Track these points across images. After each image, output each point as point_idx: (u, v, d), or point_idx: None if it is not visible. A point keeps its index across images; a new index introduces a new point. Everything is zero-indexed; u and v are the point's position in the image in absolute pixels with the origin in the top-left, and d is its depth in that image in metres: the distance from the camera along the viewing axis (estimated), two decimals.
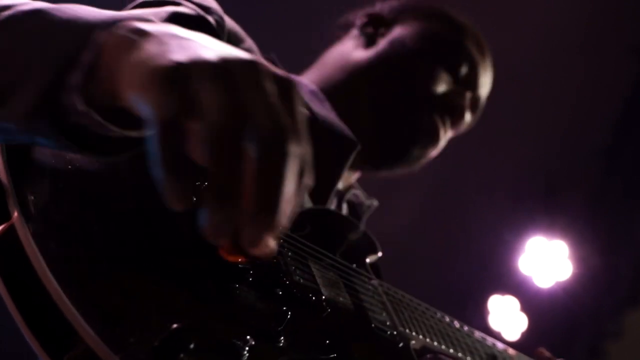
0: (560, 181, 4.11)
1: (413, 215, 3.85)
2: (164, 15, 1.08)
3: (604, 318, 4.12)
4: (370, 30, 1.53)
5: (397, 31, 1.51)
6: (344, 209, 1.52)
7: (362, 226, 1.52)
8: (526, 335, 4.15)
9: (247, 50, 1.23)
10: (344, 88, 1.45)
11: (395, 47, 1.47)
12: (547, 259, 4.08)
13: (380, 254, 1.28)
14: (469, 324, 1.37)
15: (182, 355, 0.69)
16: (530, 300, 4.15)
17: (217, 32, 1.15)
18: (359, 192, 1.57)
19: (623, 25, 3.72)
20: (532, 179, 4.10)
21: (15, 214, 0.70)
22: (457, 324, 1.33)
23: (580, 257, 4.04)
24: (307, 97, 1.32)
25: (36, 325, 0.68)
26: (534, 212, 4.09)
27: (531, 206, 4.08)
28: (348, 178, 1.54)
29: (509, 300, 4.18)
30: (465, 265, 3.97)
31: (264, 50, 1.34)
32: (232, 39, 1.20)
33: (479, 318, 4.11)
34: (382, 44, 1.49)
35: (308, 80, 1.50)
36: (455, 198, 3.96)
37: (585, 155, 4.07)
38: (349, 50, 1.52)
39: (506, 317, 4.17)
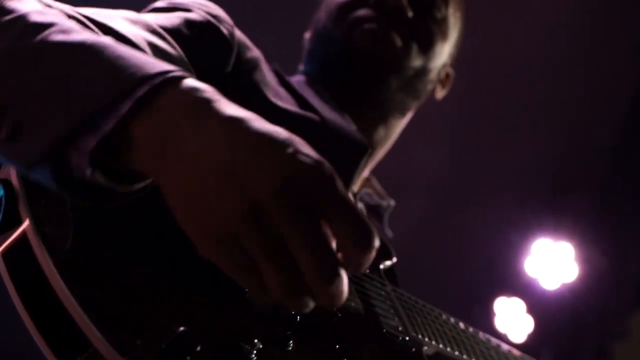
0: (567, 182, 4.10)
1: (419, 217, 3.84)
2: (177, 21, 1.10)
3: (611, 319, 4.11)
4: None
5: None
6: (362, 210, 1.49)
7: (386, 227, 1.54)
8: (532, 337, 4.13)
9: (255, 60, 1.25)
10: (313, 72, 1.50)
11: (320, 12, 1.54)
12: (553, 261, 4.07)
13: (395, 259, 1.27)
14: (475, 326, 1.36)
15: (188, 358, 0.70)
16: (537, 302, 4.14)
17: (229, 41, 1.17)
18: (371, 191, 1.56)
19: (629, 25, 3.71)
20: (538, 180, 4.09)
21: (27, 220, 0.71)
22: (471, 330, 1.31)
23: (587, 259, 4.03)
24: (315, 102, 1.32)
25: (47, 330, 0.69)
26: (540, 214, 4.08)
27: (537, 208, 4.07)
28: (361, 175, 1.54)
29: (515, 303, 4.17)
30: (471, 267, 3.96)
31: (268, 57, 1.34)
32: (242, 49, 1.22)
33: (485, 320, 4.11)
34: None
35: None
36: (461, 199, 3.96)
37: (592, 156, 4.06)
38: None
39: (512, 319, 4.15)
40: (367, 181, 1.58)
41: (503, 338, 4.14)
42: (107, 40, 0.71)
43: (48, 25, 0.71)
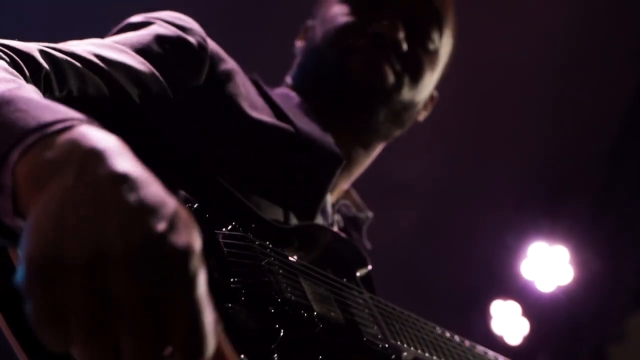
0: (562, 186, 4.11)
1: (415, 220, 3.87)
2: (147, 39, 1.14)
3: (606, 321, 4.11)
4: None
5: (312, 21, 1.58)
6: (338, 221, 1.53)
7: (364, 238, 1.55)
8: (528, 340, 4.16)
9: (229, 72, 1.26)
10: (300, 86, 1.50)
11: (315, 26, 1.53)
12: (549, 264, 4.10)
13: (370, 267, 1.29)
14: (471, 329, 1.39)
15: None
16: (532, 305, 4.16)
17: (200, 54, 1.20)
18: (349, 203, 1.57)
19: (626, 29, 3.68)
20: (533, 183, 4.11)
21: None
22: (448, 335, 1.35)
23: (583, 262, 4.05)
24: (292, 112, 1.33)
25: (31, 347, 0.71)
26: (536, 217, 4.10)
27: (533, 211, 4.09)
28: (340, 188, 1.54)
29: (511, 305, 4.20)
30: (468, 270, 3.98)
31: (246, 69, 1.36)
32: (215, 61, 1.24)
33: (481, 322, 4.13)
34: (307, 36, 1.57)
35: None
36: (458, 203, 3.97)
37: (587, 160, 4.06)
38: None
39: (508, 322, 4.19)
40: (346, 193, 1.58)
41: (499, 340, 4.18)
42: (18, 92, 0.71)
43: None
